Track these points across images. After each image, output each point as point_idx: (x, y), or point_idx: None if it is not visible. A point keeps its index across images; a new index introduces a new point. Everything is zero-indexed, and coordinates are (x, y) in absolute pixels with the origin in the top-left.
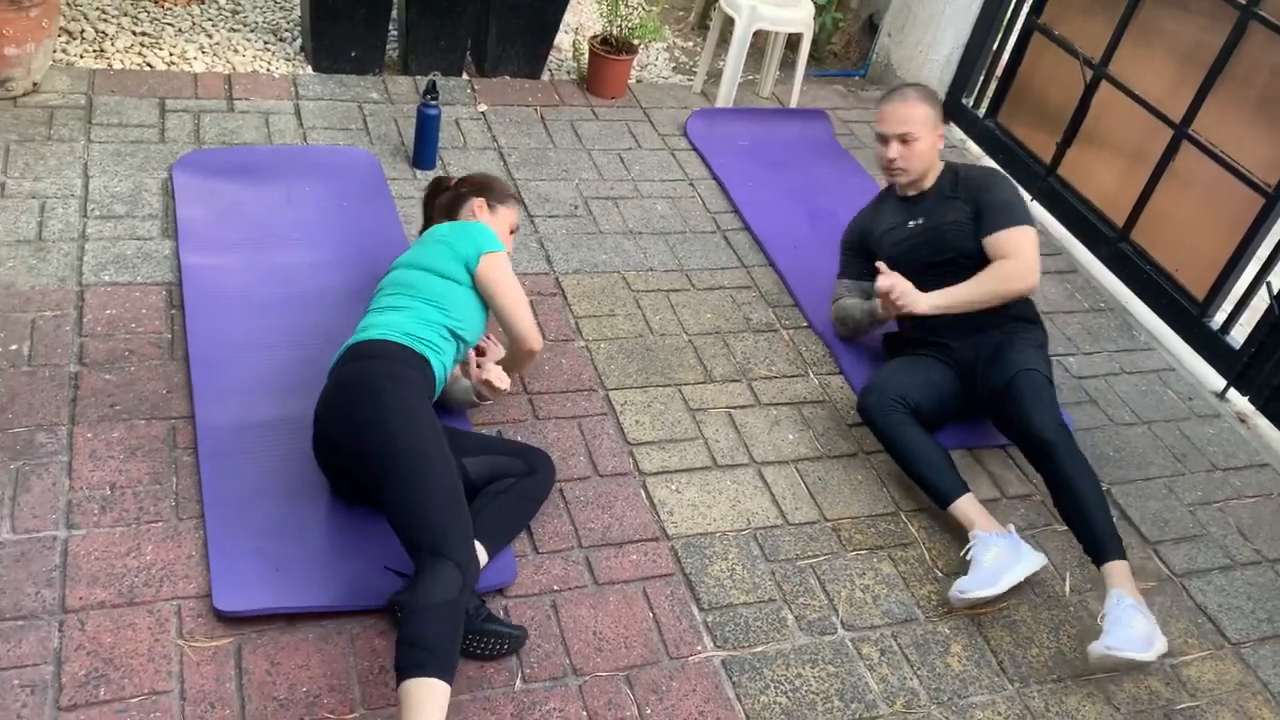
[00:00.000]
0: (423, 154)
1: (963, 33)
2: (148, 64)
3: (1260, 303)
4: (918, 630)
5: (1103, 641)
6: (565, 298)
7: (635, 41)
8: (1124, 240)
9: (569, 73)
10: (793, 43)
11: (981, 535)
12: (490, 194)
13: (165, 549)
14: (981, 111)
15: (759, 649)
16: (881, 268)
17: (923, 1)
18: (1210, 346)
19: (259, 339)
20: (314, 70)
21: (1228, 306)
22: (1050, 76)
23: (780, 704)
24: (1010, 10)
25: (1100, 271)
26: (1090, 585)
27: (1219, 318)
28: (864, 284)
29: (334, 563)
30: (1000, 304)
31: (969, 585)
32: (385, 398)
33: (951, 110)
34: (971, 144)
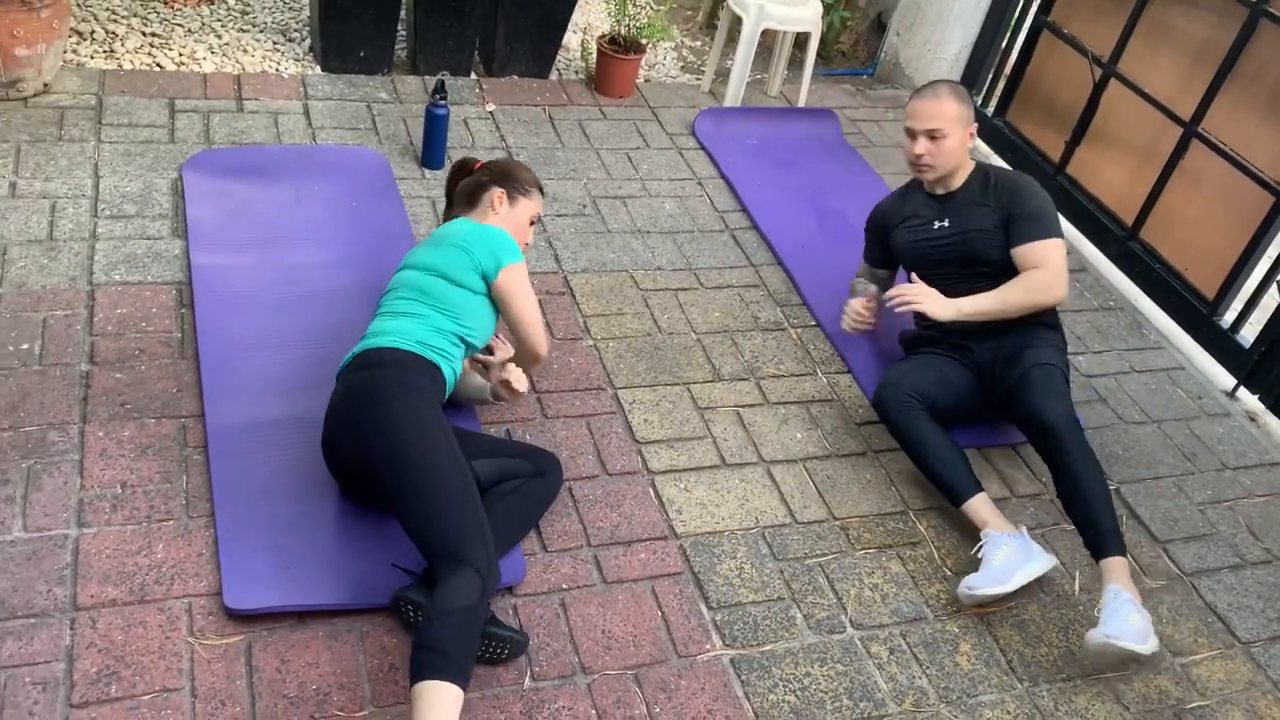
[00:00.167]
0: (431, 154)
1: (971, 31)
2: (157, 64)
3: (1270, 301)
4: (927, 629)
5: (1101, 630)
6: (574, 296)
7: (643, 41)
8: (1133, 239)
9: (577, 72)
10: (800, 42)
11: (993, 535)
12: (511, 184)
13: (176, 547)
14: (990, 110)
15: (768, 648)
16: (913, 278)
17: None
18: (1220, 345)
19: (269, 338)
20: (323, 70)
21: (1237, 305)
22: (1059, 75)
23: (789, 703)
24: (1019, 8)
25: (1109, 270)
26: (1099, 584)
27: (1229, 316)
28: (876, 271)
29: (344, 561)
30: (1026, 314)
31: (978, 582)
32: (395, 406)
33: None
34: (980, 142)
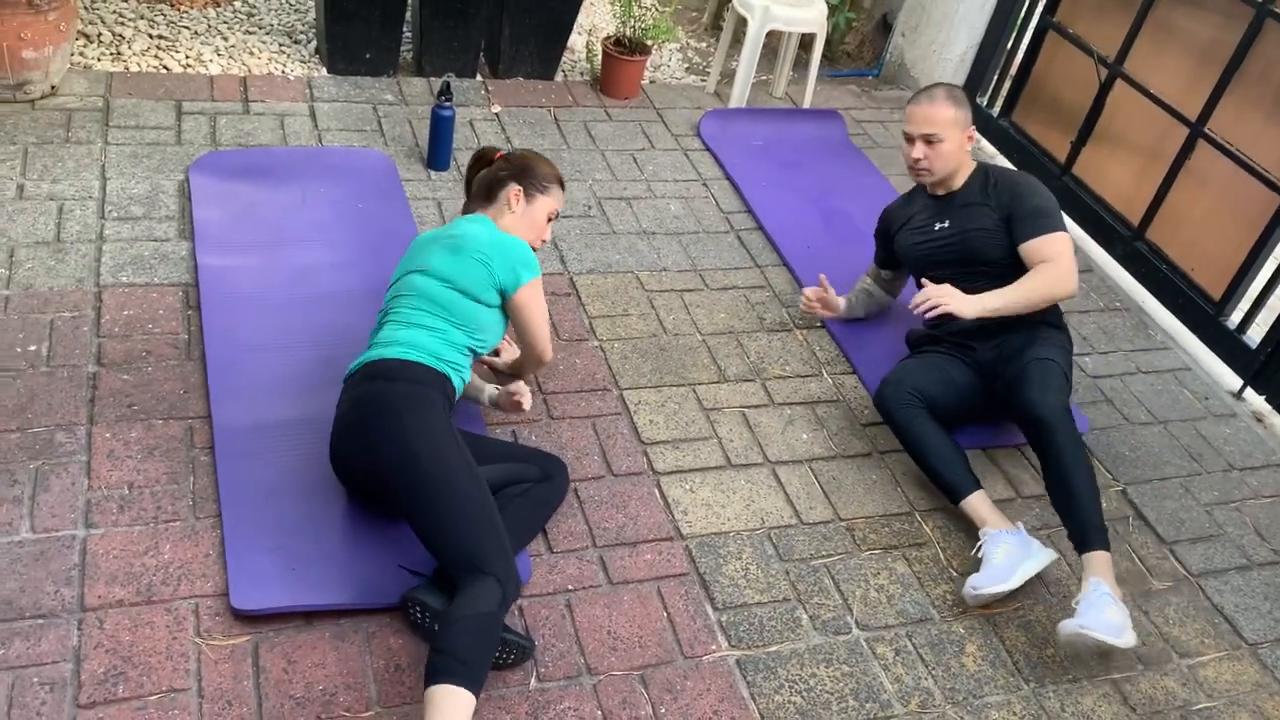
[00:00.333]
0: (437, 155)
1: (977, 31)
2: (164, 67)
3: (1277, 301)
4: (932, 630)
5: (1076, 620)
6: (579, 298)
7: (648, 42)
8: (1139, 239)
9: (582, 74)
10: (806, 43)
11: (991, 533)
12: (529, 180)
13: (183, 548)
14: (996, 111)
15: (773, 648)
16: (924, 282)
17: (936, 0)
18: (1226, 346)
19: (275, 339)
20: (329, 72)
21: (1244, 305)
22: (1065, 75)
23: (795, 704)
24: (1024, 9)
25: (1115, 271)
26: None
27: (1235, 317)
28: (881, 271)
29: (350, 561)
30: (1038, 309)
31: (982, 582)
32: (407, 419)
33: None
34: (986, 143)
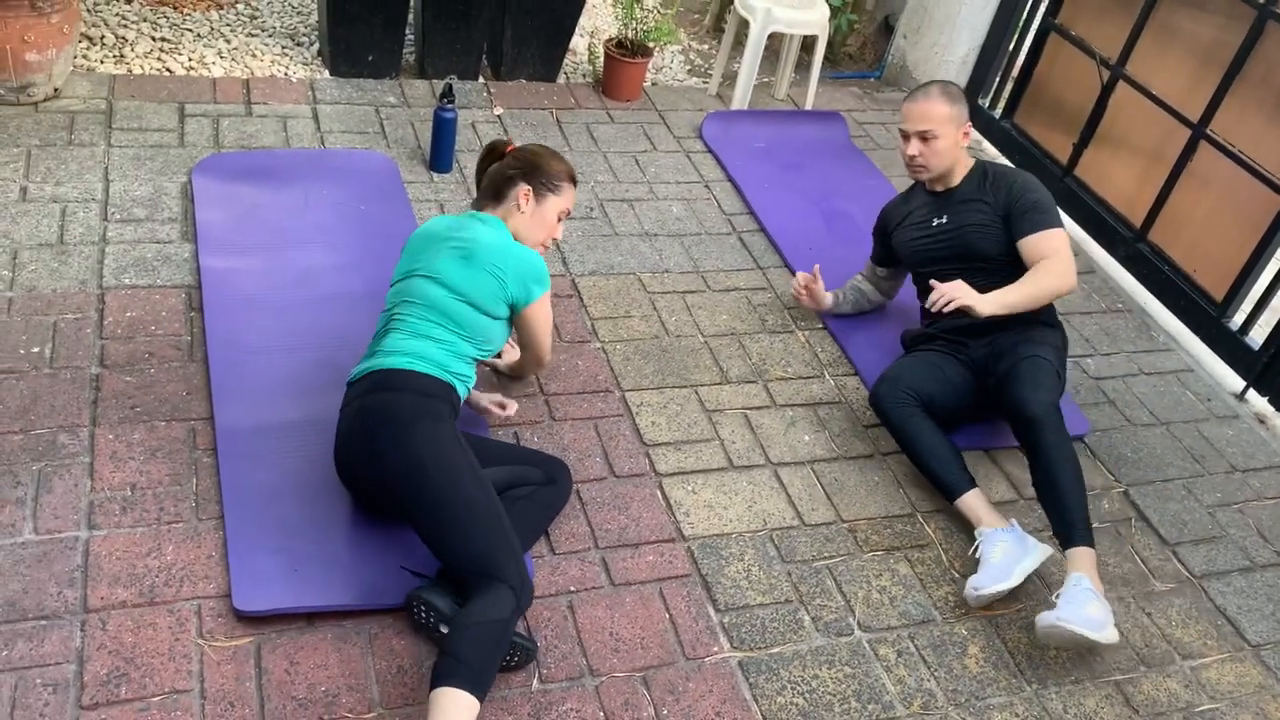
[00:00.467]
0: (439, 157)
1: (979, 33)
2: (167, 69)
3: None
4: (935, 631)
5: (1054, 613)
6: (581, 299)
7: (650, 44)
8: (1142, 241)
9: (584, 76)
10: (808, 45)
11: (987, 532)
12: (539, 179)
13: (185, 549)
14: (998, 112)
15: (775, 650)
16: (933, 283)
17: (938, 2)
18: (1229, 347)
19: (277, 341)
20: (331, 74)
21: (1246, 307)
22: (1067, 77)
23: (797, 705)
24: (1026, 11)
25: (1118, 272)
26: (1108, 586)
27: (1238, 318)
28: (877, 269)
29: (352, 563)
30: (1032, 309)
31: (983, 582)
32: (412, 430)
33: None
34: (988, 145)
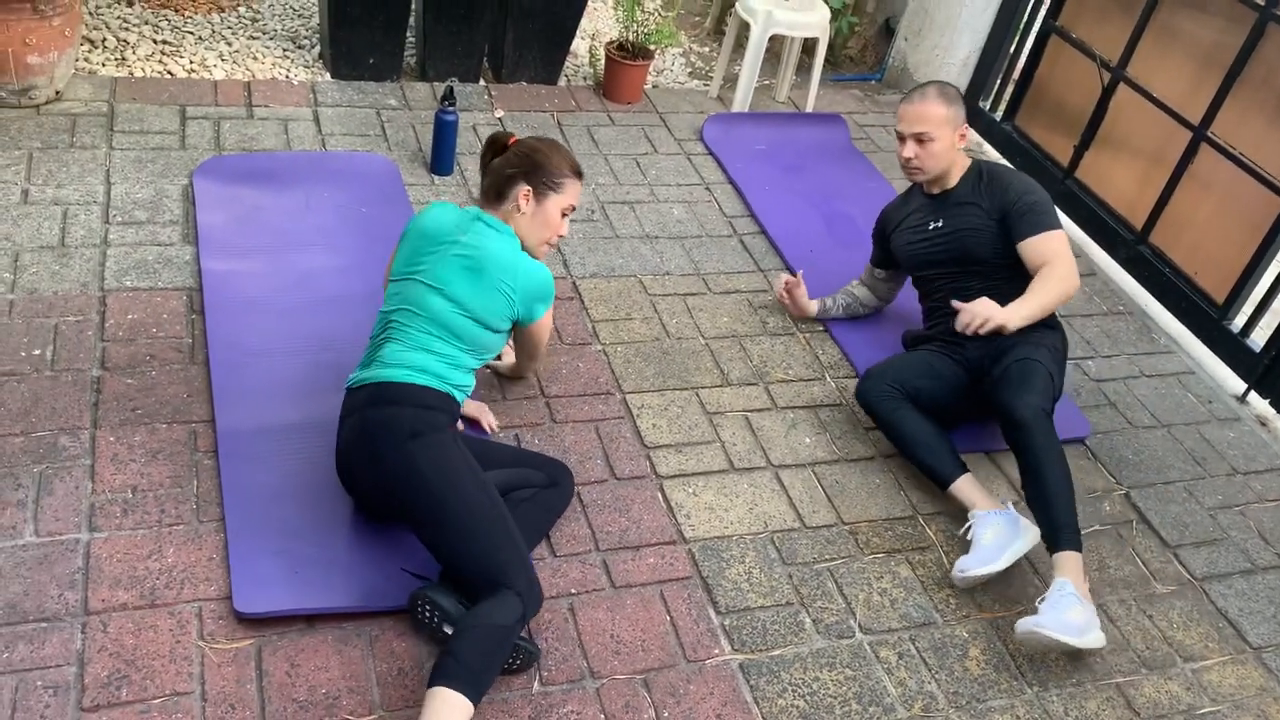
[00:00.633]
0: (440, 160)
1: (979, 36)
2: (168, 72)
3: None
4: (936, 634)
5: (1034, 619)
6: (582, 301)
7: (651, 47)
8: (1143, 243)
9: (585, 78)
10: (809, 47)
11: (979, 514)
12: (539, 179)
13: (186, 551)
14: (999, 115)
15: (776, 652)
16: (955, 305)
17: (939, 5)
18: (1230, 349)
19: (279, 343)
20: (332, 77)
21: (1248, 309)
22: (1068, 79)
23: (798, 707)
24: (1027, 13)
25: (1119, 274)
26: (1109, 589)
27: (1239, 320)
28: (875, 271)
29: (353, 565)
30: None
31: (969, 564)
32: (413, 444)
33: (969, 113)
34: (989, 147)
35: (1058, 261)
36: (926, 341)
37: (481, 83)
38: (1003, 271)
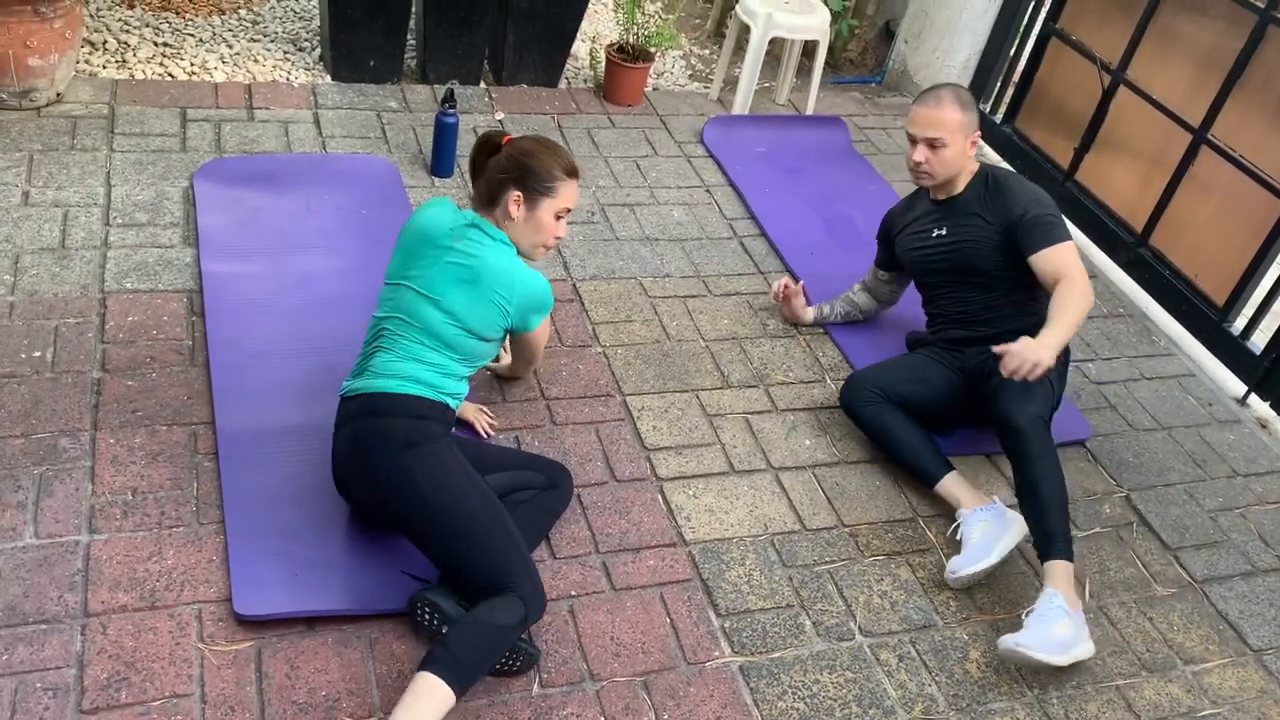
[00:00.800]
0: (441, 162)
1: (980, 38)
2: (169, 74)
3: None
4: (936, 636)
5: (1015, 637)
6: (583, 304)
7: (652, 49)
8: (1143, 245)
9: (586, 81)
10: (809, 50)
11: (965, 513)
12: (529, 184)
13: (186, 553)
14: (999, 117)
15: (777, 655)
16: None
17: (939, 7)
18: (1230, 352)
19: (279, 345)
20: (333, 79)
21: (1248, 312)
22: (1068, 82)
23: (798, 710)
24: (1027, 15)
25: (1119, 277)
26: (1110, 591)
27: (1239, 323)
28: (879, 272)
29: (353, 567)
30: (1028, 320)
31: (961, 564)
32: (408, 456)
33: None
34: (989, 150)
35: (1074, 276)
36: (923, 345)
37: (482, 85)
38: (1003, 283)
